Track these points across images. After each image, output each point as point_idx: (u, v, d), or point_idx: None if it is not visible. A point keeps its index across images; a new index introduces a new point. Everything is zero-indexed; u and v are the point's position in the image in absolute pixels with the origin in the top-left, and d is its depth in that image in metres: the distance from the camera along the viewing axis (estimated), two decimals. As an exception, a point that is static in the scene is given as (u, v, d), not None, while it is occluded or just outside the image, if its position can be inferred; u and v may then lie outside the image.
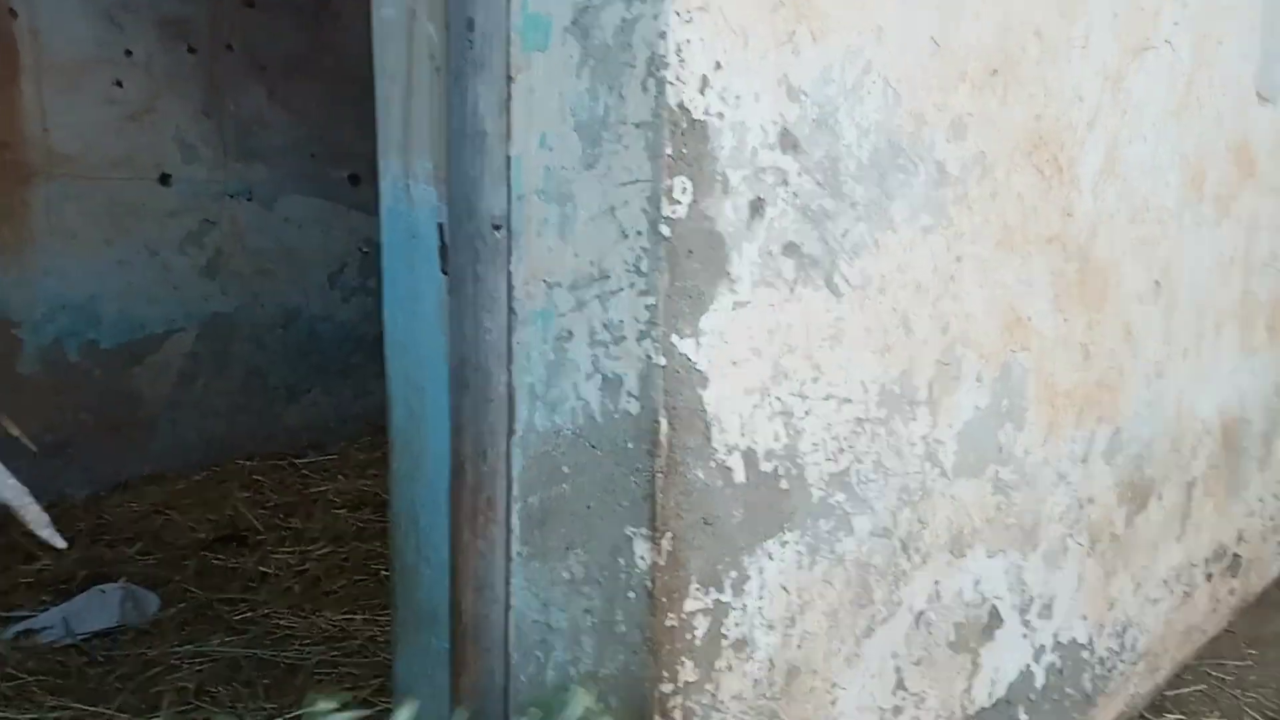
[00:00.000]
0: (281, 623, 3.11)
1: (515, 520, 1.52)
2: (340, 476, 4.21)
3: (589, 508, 1.43)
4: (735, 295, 1.37)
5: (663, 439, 1.34)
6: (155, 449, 4.17)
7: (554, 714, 1.42)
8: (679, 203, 1.25)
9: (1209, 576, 3.15)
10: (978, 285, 1.77)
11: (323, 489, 4.11)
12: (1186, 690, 2.97)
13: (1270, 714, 2.83)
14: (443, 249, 1.45)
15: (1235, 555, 3.36)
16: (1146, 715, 2.83)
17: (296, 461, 4.40)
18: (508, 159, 1.39)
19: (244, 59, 4.38)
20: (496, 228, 1.38)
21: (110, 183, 3.98)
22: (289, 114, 4.48)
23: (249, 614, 3.18)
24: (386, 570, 1.43)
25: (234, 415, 4.42)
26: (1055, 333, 2.00)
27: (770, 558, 1.52)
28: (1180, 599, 2.95)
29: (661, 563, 1.38)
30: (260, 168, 4.42)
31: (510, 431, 1.47)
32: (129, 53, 4.03)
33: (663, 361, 1.32)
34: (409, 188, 1.64)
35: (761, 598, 1.51)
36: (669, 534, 1.38)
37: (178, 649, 2.90)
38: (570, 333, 1.39)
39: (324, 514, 3.88)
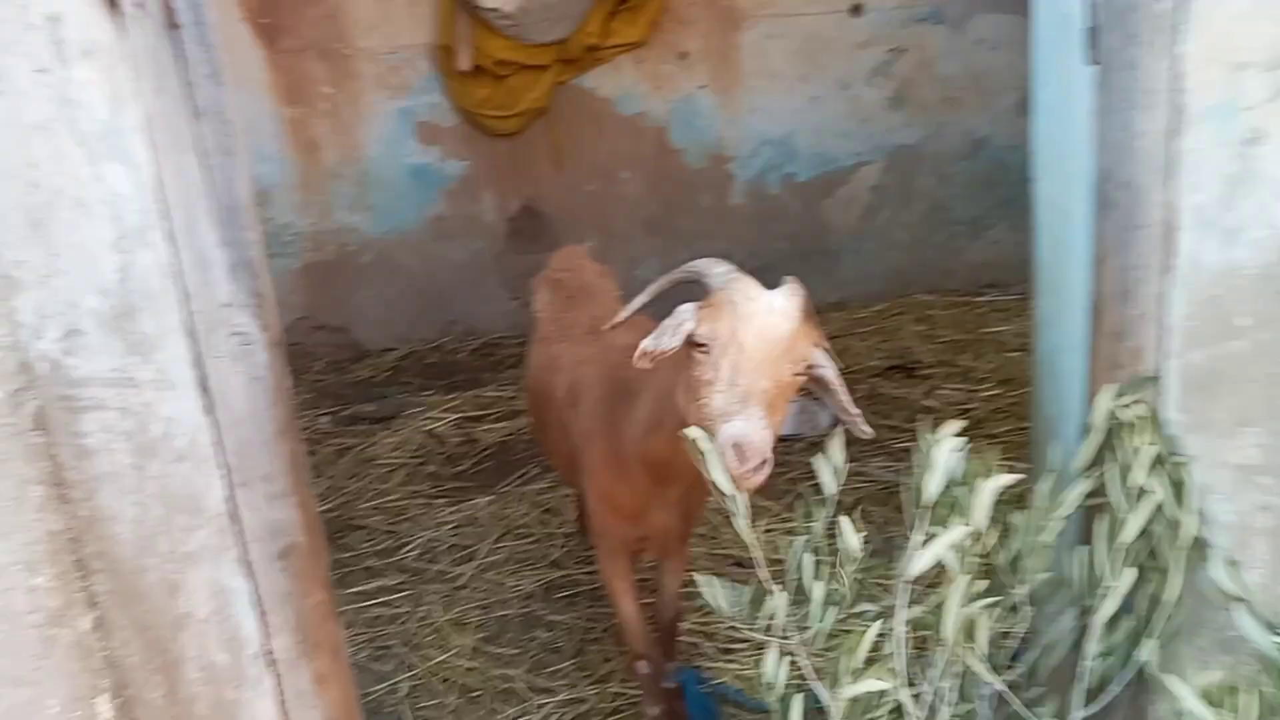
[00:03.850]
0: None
1: (1171, 380, 1.21)
2: (1017, 319, 3.97)
3: (1272, 374, 1.06)
4: None
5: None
6: (840, 277, 4.36)
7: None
8: None
9: None
10: None
11: (997, 330, 3.93)
12: None
13: None
14: (1091, 31, 1.15)
15: None
16: None
17: (974, 300, 4.26)
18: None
19: None
20: (1162, -6, 1.04)
21: (805, 18, 4.09)
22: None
23: (910, 444, 3.19)
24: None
25: (915, 248, 4.41)
26: None
27: None
28: None
29: (1382, 460, 0.98)
30: (949, -14, 4.17)
31: (1166, 267, 1.15)
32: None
33: None
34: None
35: None
36: (1400, 422, 0.97)
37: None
38: (1262, 133, 1.01)
39: (995, 355, 3.72)
